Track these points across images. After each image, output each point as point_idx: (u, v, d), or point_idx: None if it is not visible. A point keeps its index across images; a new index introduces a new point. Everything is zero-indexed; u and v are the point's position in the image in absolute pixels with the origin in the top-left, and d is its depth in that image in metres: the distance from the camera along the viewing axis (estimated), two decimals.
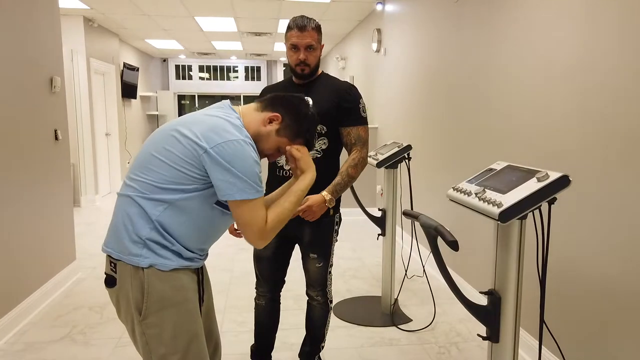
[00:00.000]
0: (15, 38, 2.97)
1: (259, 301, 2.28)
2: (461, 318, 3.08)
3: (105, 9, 6.02)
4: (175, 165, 1.32)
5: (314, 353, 2.31)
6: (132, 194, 1.36)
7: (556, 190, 1.48)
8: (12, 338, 2.78)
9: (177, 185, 1.33)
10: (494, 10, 2.92)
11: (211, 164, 1.30)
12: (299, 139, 1.49)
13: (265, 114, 1.45)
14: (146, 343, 1.38)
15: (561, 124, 2.29)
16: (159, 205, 1.34)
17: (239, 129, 1.35)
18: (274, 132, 1.45)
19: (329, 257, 2.15)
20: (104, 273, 1.43)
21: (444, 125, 3.74)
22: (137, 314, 1.36)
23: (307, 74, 2.05)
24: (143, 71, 9.98)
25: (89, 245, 4.71)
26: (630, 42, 1.86)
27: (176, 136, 1.34)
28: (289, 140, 1.47)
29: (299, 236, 2.13)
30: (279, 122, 1.45)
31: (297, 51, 2.00)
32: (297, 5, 5.82)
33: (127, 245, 1.35)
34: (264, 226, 1.36)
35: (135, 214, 1.35)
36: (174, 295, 1.37)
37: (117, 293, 1.40)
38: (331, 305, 2.25)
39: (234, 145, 1.30)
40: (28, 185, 3.07)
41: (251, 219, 1.34)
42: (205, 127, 1.33)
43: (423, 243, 4.22)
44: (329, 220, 2.10)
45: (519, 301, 1.60)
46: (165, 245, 1.36)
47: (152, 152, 1.37)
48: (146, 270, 1.34)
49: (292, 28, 2.00)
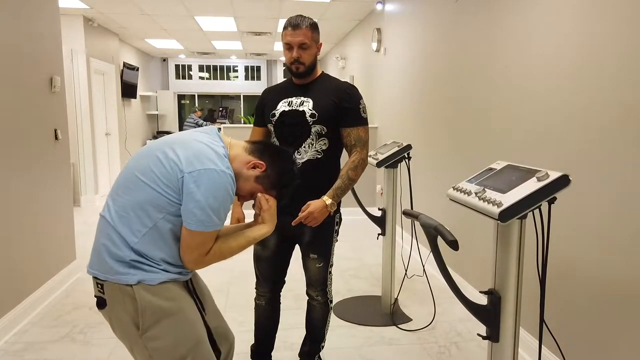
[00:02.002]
0: (15, 37, 2.97)
1: (258, 301, 2.27)
2: (461, 318, 3.08)
3: (105, 8, 6.02)
4: (156, 187, 1.33)
5: (314, 353, 2.31)
6: (112, 219, 1.36)
7: (556, 190, 1.48)
8: (12, 338, 2.78)
9: (156, 207, 1.34)
10: (494, 10, 2.92)
11: (185, 189, 1.31)
12: (273, 191, 1.53)
13: (252, 157, 1.48)
14: (150, 357, 1.38)
15: (561, 124, 2.29)
16: (137, 231, 1.34)
17: (222, 159, 1.36)
18: (254, 178, 1.48)
19: (329, 257, 2.15)
20: (94, 296, 1.42)
21: (444, 124, 3.74)
22: (135, 330, 1.36)
23: (303, 72, 2.04)
24: (143, 71, 9.98)
25: (89, 245, 4.71)
26: (631, 42, 1.86)
27: (160, 157, 1.35)
28: (264, 189, 1.51)
29: (299, 236, 2.13)
30: (261, 170, 1.47)
31: (291, 49, 2.01)
32: (297, 4, 5.82)
33: (112, 265, 1.35)
34: (204, 256, 1.39)
35: (116, 238, 1.35)
36: (168, 307, 1.37)
37: (109, 313, 1.40)
38: (331, 305, 2.25)
39: (213, 174, 1.32)
40: (28, 185, 3.07)
41: (196, 247, 1.36)
42: (190, 152, 1.34)
43: (423, 242, 4.22)
44: (330, 220, 2.10)
45: (519, 301, 1.60)
46: (151, 265, 1.37)
47: (135, 172, 1.37)
48: (135, 287, 1.34)
49: (286, 27, 2.01)
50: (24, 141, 3.04)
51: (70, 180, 3.73)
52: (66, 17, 6.24)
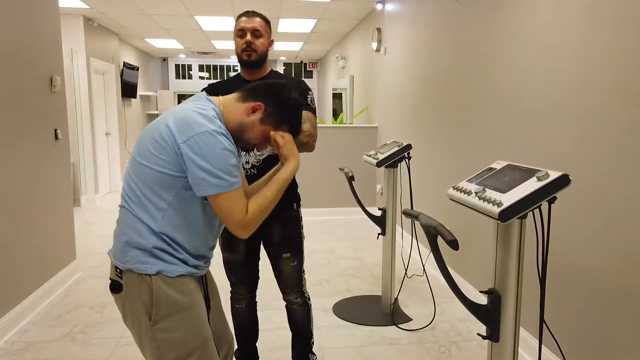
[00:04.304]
0: (15, 37, 2.96)
1: (238, 305, 2.25)
2: (461, 317, 3.08)
3: (105, 8, 6.01)
4: (158, 167, 1.33)
5: (306, 352, 2.30)
6: (130, 207, 1.37)
7: (556, 190, 1.48)
8: (13, 337, 2.78)
9: (164, 187, 1.33)
10: (494, 10, 2.92)
11: (185, 159, 1.30)
12: (284, 126, 1.48)
13: (247, 104, 1.43)
14: (157, 348, 1.37)
15: (561, 123, 2.28)
16: (156, 214, 1.34)
17: (210, 119, 1.33)
18: (258, 121, 1.43)
19: (301, 254, 2.16)
20: (109, 278, 1.43)
21: (444, 124, 3.74)
22: (147, 319, 1.36)
23: (254, 61, 2.01)
24: (143, 70, 9.98)
25: (89, 244, 4.71)
26: (631, 42, 1.86)
27: (156, 138, 1.34)
28: (274, 127, 1.46)
29: (267, 238, 2.12)
30: (262, 110, 1.43)
31: (244, 36, 1.99)
32: (297, 4, 5.82)
33: (133, 254, 1.35)
34: (244, 216, 1.35)
35: (138, 226, 1.35)
36: (183, 300, 1.38)
37: (123, 299, 1.40)
38: (310, 302, 2.24)
39: (206, 137, 1.29)
40: (28, 184, 3.07)
41: (228, 210, 1.33)
42: (180, 123, 1.32)
43: (423, 242, 4.22)
44: (295, 216, 2.12)
45: (519, 300, 1.60)
46: (172, 253, 1.37)
47: (137, 158, 1.37)
48: (153, 277, 1.35)
49: (240, 17, 2.02)
50: (24, 141, 3.04)
51: (70, 180, 3.73)
52: (66, 17, 6.24)
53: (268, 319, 3.02)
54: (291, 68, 11.75)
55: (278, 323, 2.97)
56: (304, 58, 11.34)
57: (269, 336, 2.81)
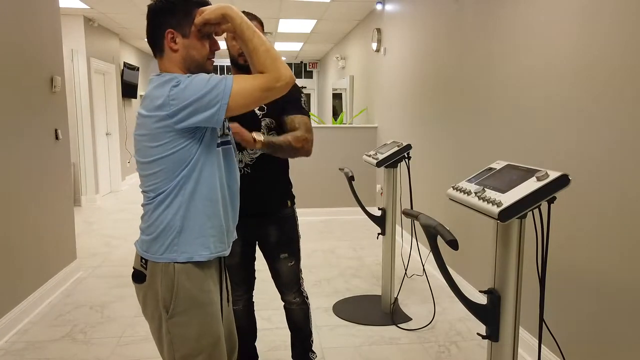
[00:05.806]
0: (16, 38, 2.97)
1: (235, 307, 2.25)
2: (461, 317, 3.08)
3: (105, 8, 6.02)
4: (157, 156, 1.32)
5: (307, 350, 2.31)
6: (150, 202, 1.37)
7: (556, 190, 1.48)
8: (13, 337, 2.78)
9: (170, 170, 1.33)
10: (494, 10, 2.92)
11: (184, 118, 1.27)
12: (194, 12, 1.35)
13: (164, 45, 1.36)
14: (171, 342, 1.39)
15: (561, 123, 2.29)
16: (176, 201, 1.34)
17: (163, 83, 1.30)
18: (184, 39, 1.35)
19: (298, 254, 2.16)
20: (133, 268, 1.44)
21: (444, 124, 3.74)
22: (164, 312, 1.37)
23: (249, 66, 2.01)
24: (143, 71, 9.98)
25: (89, 244, 4.72)
26: (631, 42, 1.87)
27: (149, 131, 1.32)
28: (196, 25, 1.35)
29: (263, 239, 2.12)
30: (173, 31, 1.35)
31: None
32: (297, 4, 5.83)
33: (160, 244, 1.37)
34: (268, 81, 1.30)
35: (162, 212, 1.36)
36: (201, 296, 1.39)
37: (145, 290, 1.40)
38: (308, 301, 2.24)
39: (176, 88, 1.26)
40: (28, 184, 3.08)
41: (251, 85, 1.30)
42: (152, 106, 1.30)
43: (423, 242, 4.23)
44: (290, 215, 2.11)
45: (518, 300, 1.60)
46: (196, 236, 1.37)
47: (137, 158, 1.38)
48: (177, 269, 1.36)
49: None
50: (25, 141, 3.05)
51: (70, 180, 3.74)
52: (66, 17, 6.24)
53: (267, 319, 3.02)
54: (291, 68, 11.76)
55: (277, 323, 2.97)
56: (304, 58, 11.34)
57: (269, 336, 2.82)
